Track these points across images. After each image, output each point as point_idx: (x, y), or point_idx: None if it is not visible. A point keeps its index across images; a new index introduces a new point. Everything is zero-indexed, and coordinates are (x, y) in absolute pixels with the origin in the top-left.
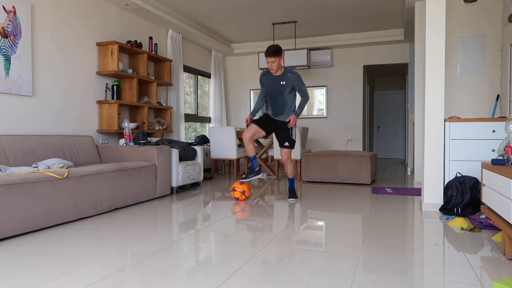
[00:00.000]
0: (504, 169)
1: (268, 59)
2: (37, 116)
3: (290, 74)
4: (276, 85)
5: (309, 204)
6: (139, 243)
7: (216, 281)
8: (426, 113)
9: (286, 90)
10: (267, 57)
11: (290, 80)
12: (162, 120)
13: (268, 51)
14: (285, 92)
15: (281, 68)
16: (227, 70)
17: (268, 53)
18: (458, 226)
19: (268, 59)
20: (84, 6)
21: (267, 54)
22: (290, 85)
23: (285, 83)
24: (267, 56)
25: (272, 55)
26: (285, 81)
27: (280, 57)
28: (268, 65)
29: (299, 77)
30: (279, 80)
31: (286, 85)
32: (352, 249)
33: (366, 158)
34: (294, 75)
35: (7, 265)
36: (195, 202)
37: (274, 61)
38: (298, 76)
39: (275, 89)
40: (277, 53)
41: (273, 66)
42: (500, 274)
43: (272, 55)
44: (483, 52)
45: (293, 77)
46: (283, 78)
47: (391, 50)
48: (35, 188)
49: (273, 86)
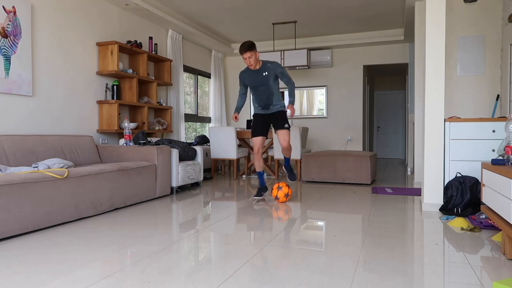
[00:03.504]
0: (504, 169)
1: (245, 56)
2: (37, 116)
3: (269, 64)
4: (259, 78)
5: (309, 204)
6: (139, 243)
7: (216, 281)
8: (426, 113)
9: (270, 80)
10: (243, 53)
11: (271, 69)
12: (162, 120)
13: (242, 47)
14: (270, 82)
15: (259, 61)
16: (227, 70)
17: (243, 49)
18: (458, 226)
19: (244, 55)
20: (84, 6)
21: (242, 51)
22: (273, 73)
23: (268, 73)
24: (242, 53)
25: (248, 50)
26: (267, 71)
27: (255, 51)
28: (246, 62)
29: (279, 65)
30: (261, 72)
31: (269, 74)
32: (352, 249)
33: (366, 158)
34: (274, 63)
35: (7, 265)
36: (195, 202)
37: (250, 56)
38: (277, 64)
39: (260, 82)
40: (252, 47)
41: (251, 61)
42: (500, 274)
43: (247, 50)
44: (483, 52)
45: (273, 66)
46: (264, 70)
47: (391, 50)
48: (35, 188)
49: (257, 80)
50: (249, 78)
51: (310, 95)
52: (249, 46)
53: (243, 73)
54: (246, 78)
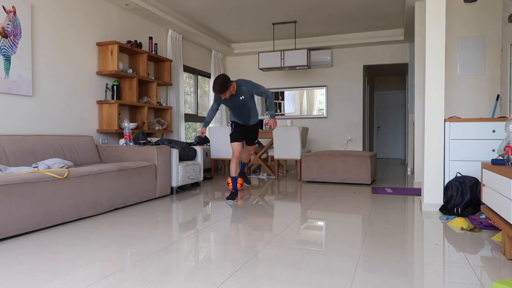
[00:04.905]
0: (504, 169)
1: (222, 95)
2: (37, 116)
3: (243, 87)
4: (236, 101)
5: (309, 204)
6: (139, 243)
7: (216, 281)
8: (426, 113)
9: (247, 101)
10: (219, 94)
11: (246, 92)
12: (162, 120)
13: (216, 90)
14: (247, 103)
15: (234, 89)
16: (227, 70)
17: (218, 91)
18: (458, 226)
19: (221, 96)
20: (84, 6)
21: (218, 93)
22: (248, 95)
23: (244, 97)
24: (218, 94)
25: (224, 91)
26: (243, 95)
27: (229, 88)
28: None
29: (252, 84)
30: (237, 97)
31: (245, 97)
32: (352, 249)
33: (366, 158)
34: (247, 85)
35: (7, 265)
36: (195, 202)
37: (225, 94)
38: (251, 83)
39: (237, 104)
40: (227, 87)
41: (227, 96)
42: (500, 274)
43: (220, 92)
44: (483, 52)
45: (248, 88)
46: (240, 94)
47: (391, 50)
48: (35, 188)
49: (234, 103)
50: (226, 101)
51: (310, 95)
52: (223, 88)
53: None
54: (223, 101)
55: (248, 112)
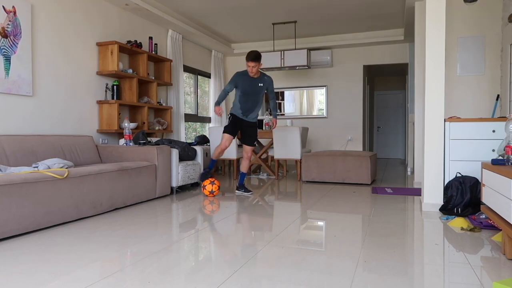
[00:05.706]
0: (504, 169)
1: (250, 64)
2: (37, 116)
3: (266, 77)
4: (255, 86)
5: (309, 204)
6: (139, 243)
7: (216, 281)
8: (426, 113)
9: (262, 91)
10: (249, 61)
11: (266, 82)
12: (162, 120)
13: (249, 56)
14: (261, 93)
15: (258, 71)
16: (227, 70)
17: (250, 58)
18: (458, 226)
19: (249, 63)
20: (84, 6)
21: (249, 59)
22: (266, 87)
23: (263, 85)
24: (249, 61)
25: (254, 59)
26: (263, 83)
27: (260, 62)
28: (248, 69)
29: (272, 81)
30: (258, 82)
31: (263, 86)
32: (352, 249)
33: (366, 158)
34: (269, 78)
35: (7, 265)
36: (195, 202)
37: (255, 65)
38: (271, 80)
39: (253, 90)
40: (259, 58)
41: (253, 70)
42: (500, 274)
43: (254, 60)
44: (483, 52)
45: (269, 80)
46: (261, 80)
47: (391, 50)
48: (35, 188)
49: (251, 87)
50: (245, 82)
51: (310, 95)
52: (256, 57)
53: (240, 75)
54: (242, 81)
55: (255, 103)
